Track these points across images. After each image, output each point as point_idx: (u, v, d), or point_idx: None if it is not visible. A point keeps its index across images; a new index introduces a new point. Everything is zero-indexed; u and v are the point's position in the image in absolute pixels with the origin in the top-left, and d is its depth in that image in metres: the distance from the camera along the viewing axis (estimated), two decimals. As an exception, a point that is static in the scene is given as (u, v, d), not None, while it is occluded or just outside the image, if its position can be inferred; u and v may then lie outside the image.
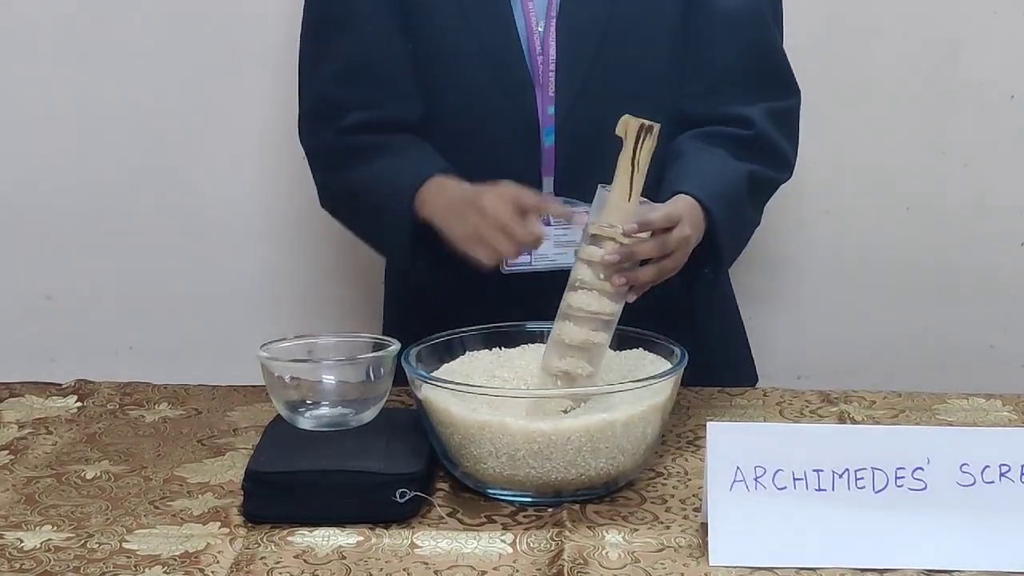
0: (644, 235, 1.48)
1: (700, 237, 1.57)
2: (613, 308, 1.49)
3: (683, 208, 1.54)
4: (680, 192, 1.58)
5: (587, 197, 1.57)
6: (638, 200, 1.48)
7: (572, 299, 1.48)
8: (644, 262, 1.49)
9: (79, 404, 1.76)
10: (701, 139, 1.68)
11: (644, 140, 1.46)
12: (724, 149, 1.67)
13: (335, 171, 1.73)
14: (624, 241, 1.46)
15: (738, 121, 1.69)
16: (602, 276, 1.47)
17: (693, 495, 1.46)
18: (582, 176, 1.66)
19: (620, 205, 1.47)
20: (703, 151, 1.67)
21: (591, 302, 1.48)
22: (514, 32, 1.69)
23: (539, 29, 1.69)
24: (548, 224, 1.67)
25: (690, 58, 1.72)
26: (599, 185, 1.49)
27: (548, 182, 1.71)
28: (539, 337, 1.59)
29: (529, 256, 1.68)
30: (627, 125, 1.47)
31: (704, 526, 1.34)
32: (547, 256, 1.69)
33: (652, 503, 1.45)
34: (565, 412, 1.44)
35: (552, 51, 1.68)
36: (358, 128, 1.70)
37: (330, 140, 1.72)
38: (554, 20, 1.69)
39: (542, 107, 1.70)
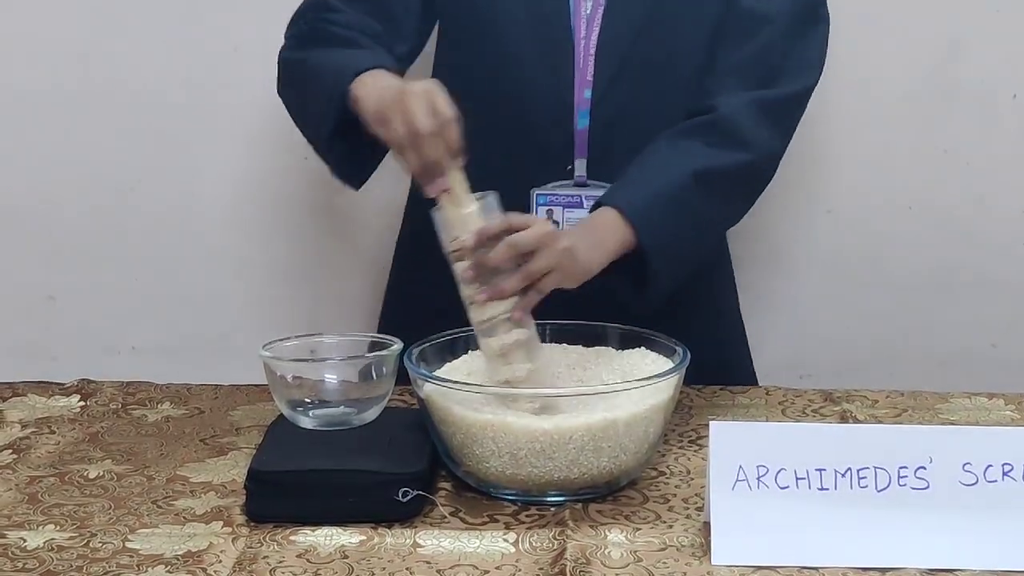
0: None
1: (620, 241, 1.56)
2: (507, 305, 1.48)
3: (593, 218, 1.56)
4: (601, 205, 1.59)
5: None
6: (474, 204, 1.48)
7: (471, 316, 1.50)
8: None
9: (82, 403, 1.76)
10: (664, 138, 1.66)
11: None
12: (686, 140, 1.64)
13: (297, 51, 1.70)
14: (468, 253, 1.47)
15: (705, 109, 1.67)
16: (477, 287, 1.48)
17: (696, 494, 1.46)
18: (614, 160, 1.68)
19: (458, 216, 1.47)
20: (650, 155, 1.64)
21: (485, 311, 1.48)
22: (567, 12, 1.70)
23: (586, 12, 1.70)
24: (582, 207, 1.69)
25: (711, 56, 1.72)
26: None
27: (581, 164, 1.72)
28: (542, 336, 1.58)
29: None
30: None
31: (707, 525, 1.34)
32: None
33: (655, 502, 1.45)
34: (536, 413, 1.44)
35: (595, 35, 1.69)
36: (341, 24, 1.69)
37: (307, 25, 1.71)
38: (602, 5, 1.70)
39: (579, 89, 1.71)
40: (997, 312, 2.24)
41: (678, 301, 1.66)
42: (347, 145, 1.63)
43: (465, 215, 1.47)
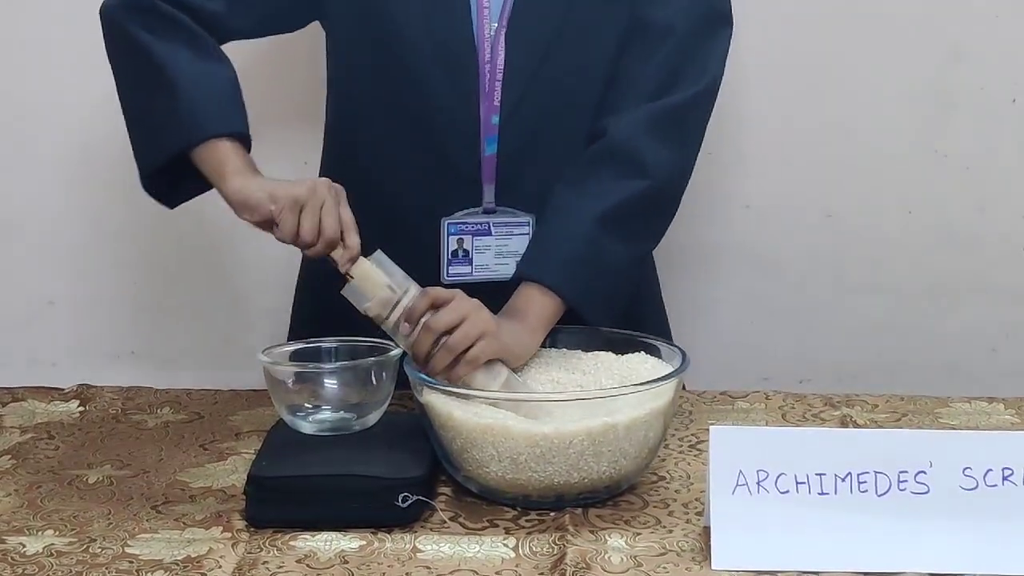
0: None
1: (549, 313, 1.59)
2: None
3: (515, 300, 1.59)
4: (519, 279, 1.61)
5: (527, 205, 1.65)
6: (368, 264, 1.50)
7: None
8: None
9: (81, 409, 1.76)
10: (564, 183, 1.65)
11: None
12: (585, 180, 1.63)
13: (132, 24, 1.61)
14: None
15: (600, 132, 1.66)
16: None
17: (696, 499, 1.46)
18: (522, 185, 1.68)
19: (361, 283, 1.50)
20: (554, 209, 1.64)
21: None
22: (470, 33, 1.66)
23: (489, 35, 1.66)
24: (490, 234, 1.69)
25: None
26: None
27: (489, 190, 1.69)
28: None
29: (470, 267, 1.70)
30: None
31: (707, 530, 1.34)
32: (487, 267, 1.70)
33: (655, 507, 1.45)
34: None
35: (500, 59, 1.66)
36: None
37: None
38: (505, 27, 1.65)
39: (485, 116, 1.67)
40: (997, 317, 2.24)
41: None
42: (168, 178, 1.62)
43: (366, 280, 1.50)
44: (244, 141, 1.59)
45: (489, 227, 1.69)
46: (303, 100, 1.99)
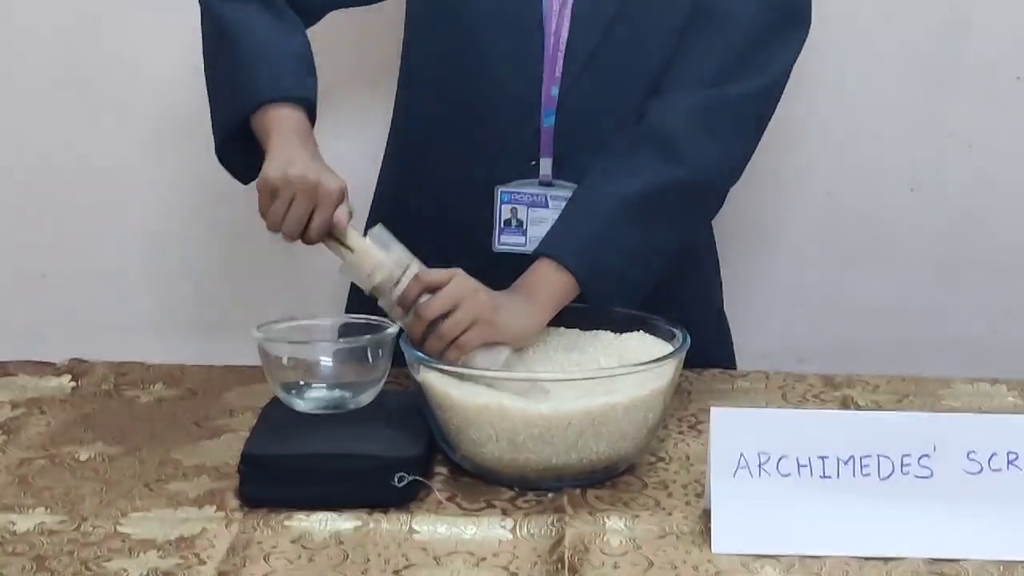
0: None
1: (561, 292, 1.55)
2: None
3: (528, 274, 1.56)
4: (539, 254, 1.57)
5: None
6: (366, 241, 1.48)
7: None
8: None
9: (73, 384, 1.74)
10: (601, 160, 1.61)
11: None
12: (620, 161, 1.60)
13: None
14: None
15: (644, 113, 1.63)
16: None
17: (695, 480, 1.44)
18: (579, 159, 1.64)
19: (356, 259, 1.48)
20: (585, 186, 1.61)
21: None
22: (537, 4, 1.64)
23: (557, 7, 1.64)
24: (547, 207, 1.66)
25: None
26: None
27: (546, 163, 1.67)
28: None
29: (524, 238, 1.67)
30: None
31: (706, 512, 1.33)
32: (540, 239, 1.67)
33: (654, 488, 1.43)
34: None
35: (565, 32, 1.64)
36: None
37: None
38: (571, 1, 1.63)
39: (547, 87, 1.66)
40: (999, 296, 2.22)
41: (662, 289, 1.63)
42: (241, 148, 1.60)
43: (362, 256, 1.47)
44: (304, 107, 1.56)
45: (546, 199, 1.66)
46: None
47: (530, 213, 1.67)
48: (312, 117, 1.59)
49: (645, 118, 1.62)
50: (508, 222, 1.68)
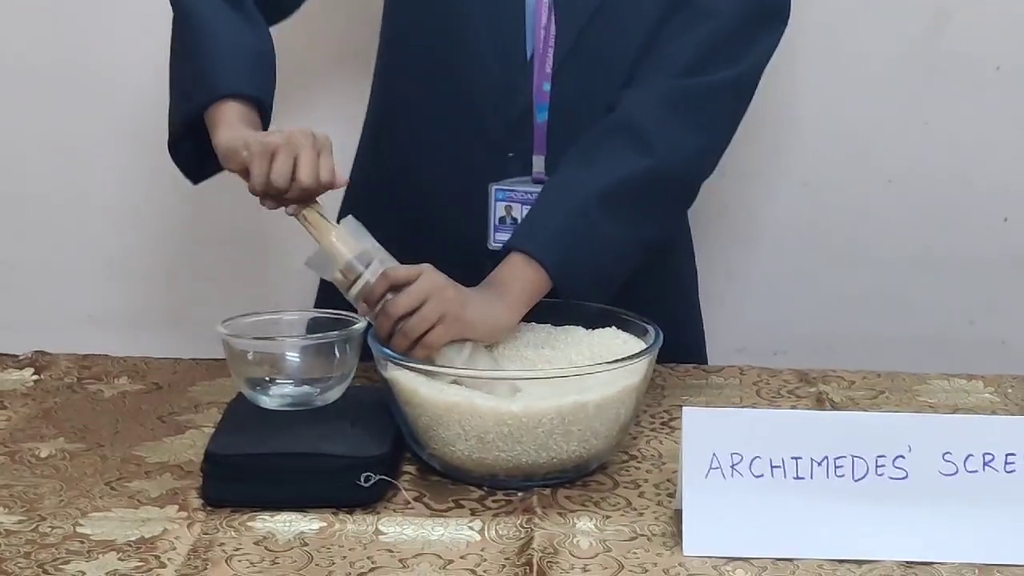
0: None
1: (533, 287, 1.52)
2: None
3: (499, 270, 1.53)
4: (511, 249, 1.54)
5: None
6: (336, 231, 1.45)
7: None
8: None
9: (35, 377, 1.70)
10: (571, 154, 1.59)
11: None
12: (590, 153, 1.57)
13: None
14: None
15: (610, 108, 1.60)
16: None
17: (667, 480, 1.42)
18: None
19: (326, 248, 1.44)
20: (555, 180, 1.58)
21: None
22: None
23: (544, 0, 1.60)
24: None
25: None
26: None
27: (539, 160, 1.64)
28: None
29: None
30: None
31: (678, 513, 1.30)
32: None
33: (625, 487, 1.41)
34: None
35: (554, 25, 1.60)
36: None
37: None
38: None
39: (538, 82, 1.62)
40: (976, 289, 2.21)
41: (635, 281, 1.61)
42: (192, 146, 1.57)
43: (333, 245, 1.44)
44: (258, 106, 1.53)
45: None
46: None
47: (524, 211, 1.64)
48: (266, 120, 1.55)
49: (617, 108, 1.60)
50: (503, 219, 1.66)
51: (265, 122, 1.55)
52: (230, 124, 1.49)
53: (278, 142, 1.41)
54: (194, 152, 1.58)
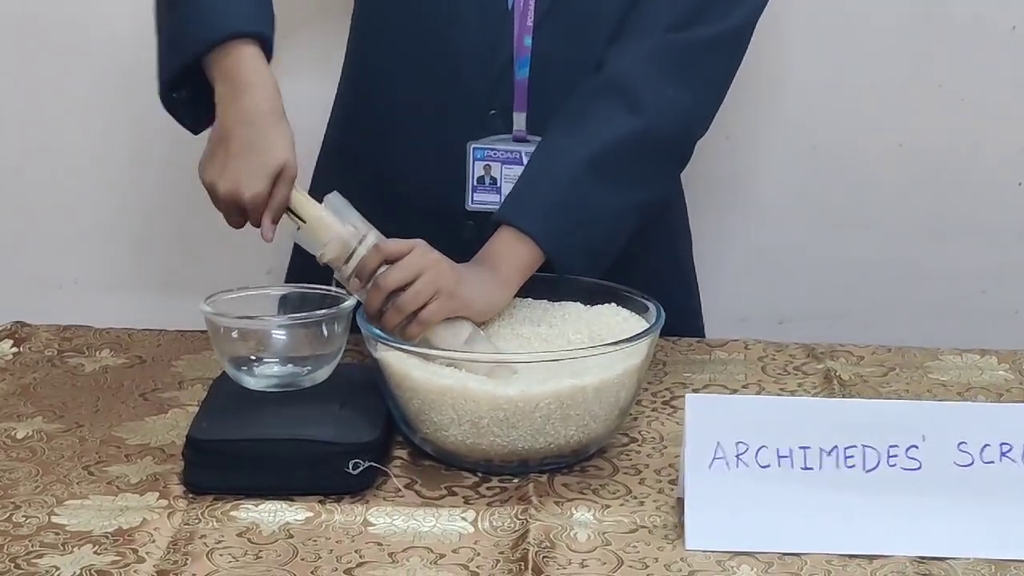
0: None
1: (525, 262, 1.47)
2: None
3: (490, 245, 1.47)
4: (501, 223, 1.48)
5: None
6: (321, 210, 1.39)
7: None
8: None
9: (15, 350, 1.64)
10: (557, 119, 1.53)
11: None
12: (577, 117, 1.51)
13: None
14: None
15: (597, 67, 1.54)
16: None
17: (669, 465, 1.36)
18: (555, 112, 1.54)
19: (312, 229, 1.39)
20: (543, 147, 1.52)
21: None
22: None
23: None
24: (521, 163, 1.56)
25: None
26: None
27: (520, 118, 1.58)
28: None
29: (498, 196, 1.58)
30: None
31: (680, 502, 1.25)
32: None
33: (625, 473, 1.35)
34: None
35: None
36: None
37: None
38: None
39: (519, 36, 1.56)
40: (989, 257, 2.15)
41: (627, 249, 1.55)
42: (189, 93, 1.47)
43: (319, 225, 1.38)
44: (261, 43, 1.43)
45: (521, 156, 1.56)
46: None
47: (504, 170, 1.58)
48: (269, 54, 1.45)
49: (603, 67, 1.53)
50: (481, 179, 1.59)
51: (268, 57, 1.45)
52: (236, 90, 1.39)
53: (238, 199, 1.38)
54: (191, 99, 1.47)
